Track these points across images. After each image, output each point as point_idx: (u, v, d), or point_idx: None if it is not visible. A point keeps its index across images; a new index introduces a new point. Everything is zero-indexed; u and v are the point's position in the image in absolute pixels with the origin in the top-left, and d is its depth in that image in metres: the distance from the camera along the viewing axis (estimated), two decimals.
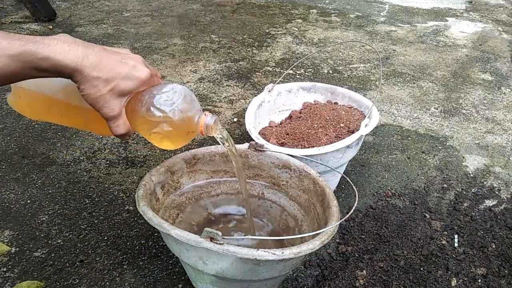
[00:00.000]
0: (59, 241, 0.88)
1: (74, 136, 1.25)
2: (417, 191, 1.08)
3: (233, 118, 1.38)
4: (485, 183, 1.13)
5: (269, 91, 1.08)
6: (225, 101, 1.49)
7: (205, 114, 0.61)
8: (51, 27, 2.14)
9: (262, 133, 1.00)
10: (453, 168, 1.18)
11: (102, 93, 0.51)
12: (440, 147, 1.28)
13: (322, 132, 0.97)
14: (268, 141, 0.93)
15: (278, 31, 2.22)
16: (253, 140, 0.86)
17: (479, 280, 0.83)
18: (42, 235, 0.89)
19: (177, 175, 0.81)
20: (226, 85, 1.60)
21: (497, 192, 1.09)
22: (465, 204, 1.04)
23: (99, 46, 0.53)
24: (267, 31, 2.21)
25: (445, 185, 1.11)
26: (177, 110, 0.57)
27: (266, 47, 1.99)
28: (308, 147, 0.91)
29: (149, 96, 0.57)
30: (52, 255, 0.84)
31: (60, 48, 0.48)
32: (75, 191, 1.02)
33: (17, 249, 0.86)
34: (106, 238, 0.89)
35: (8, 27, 2.11)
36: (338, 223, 0.65)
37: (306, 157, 0.85)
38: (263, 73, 1.72)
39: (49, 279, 0.79)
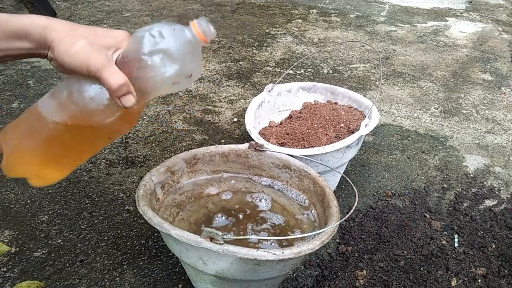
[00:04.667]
0: (59, 241, 0.88)
1: None
2: (417, 191, 1.08)
3: (233, 118, 1.38)
4: (485, 183, 1.13)
5: (269, 91, 1.08)
6: (225, 101, 1.49)
7: (192, 24, 0.50)
8: None
9: (262, 133, 1.00)
10: (453, 168, 1.18)
11: (81, 45, 0.45)
12: (440, 147, 1.28)
13: (322, 132, 0.97)
14: (268, 141, 0.93)
15: (278, 31, 2.22)
16: (253, 140, 0.86)
17: (479, 280, 0.83)
18: (42, 235, 0.89)
19: (177, 175, 0.81)
20: (226, 85, 1.60)
21: (497, 192, 1.09)
22: (465, 204, 1.04)
23: None
24: (267, 31, 2.21)
25: (445, 185, 1.11)
26: (174, 44, 0.47)
27: (266, 47, 1.99)
28: (308, 147, 0.91)
29: (136, 45, 0.47)
30: (52, 255, 0.84)
31: (27, 17, 0.47)
32: (75, 191, 1.02)
33: (17, 249, 0.86)
34: (106, 238, 0.89)
35: None
36: (338, 223, 0.65)
37: (306, 157, 0.85)
38: (263, 73, 1.72)
39: (49, 279, 0.79)
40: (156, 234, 0.90)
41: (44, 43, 0.46)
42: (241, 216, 0.80)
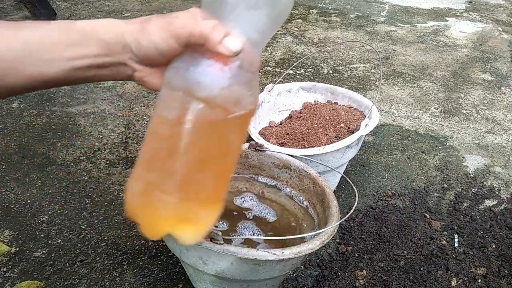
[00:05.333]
0: (59, 241, 0.88)
1: (74, 136, 1.25)
2: (417, 191, 1.08)
3: None
4: (485, 183, 1.13)
5: (269, 91, 1.08)
6: None
7: None
8: None
9: (262, 133, 1.00)
10: (453, 168, 1.18)
11: (155, 21, 0.38)
12: (440, 147, 1.28)
13: (322, 132, 0.97)
14: (268, 141, 0.93)
15: (278, 31, 2.22)
16: (253, 140, 0.86)
17: (479, 280, 0.83)
18: (42, 235, 0.89)
19: None
20: None
21: (497, 192, 1.09)
22: (465, 204, 1.04)
23: None
24: None
25: (445, 185, 1.11)
26: None
27: (266, 47, 1.99)
28: (308, 147, 0.91)
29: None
30: (52, 255, 0.84)
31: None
32: (75, 191, 1.02)
33: (17, 249, 0.86)
34: (106, 238, 0.89)
35: None
36: (338, 223, 0.65)
37: (306, 157, 0.85)
38: (263, 73, 1.72)
39: (49, 279, 0.79)
40: None
41: (116, 43, 0.38)
42: (240, 216, 0.80)
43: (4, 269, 0.81)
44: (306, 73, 1.73)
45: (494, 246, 0.91)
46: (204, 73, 0.38)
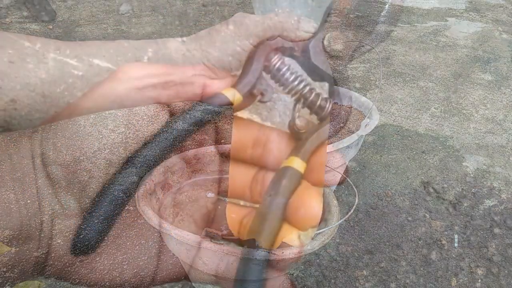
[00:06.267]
0: (59, 241, 0.88)
1: (74, 136, 1.25)
2: (417, 191, 1.08)
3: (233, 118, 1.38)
4: (485, 183, 1.13)
5: None
6: None
7: None
8: (51, 27, 2.14)
9: None
10: (453, 168, 1.18)
11: (215, 29, 0.38)
12: (440, 147, 1.28)
13: None
14: None
15: None
16: None
17: (479, 280, 0.83)
18: (42, 235, 0.89)
19: (177, 175, 0.81)
20: None
21: (497, 192, 1.09)
22: (465, 204, 1.04)
23: None
24: None
25: (445, 185, 1.11)
26: None
27: None
28: None
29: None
30: (52, 255, 0.85)
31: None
32: (75, 191, 1.02)
33: (17, 249, 0.86)
34: (106, 238, 0.89)
35: (8, 27, 2.11)
36: (338, 223, 0.65)
37: None
38: None
39: (49, 279, 0.79)
40: (156, 234, 0.90)
41: (185, 59, 0.38)
42: None
43: (4, 269, 0.81)
44: None
45: (494, 246, 0.91)
46: (289, 63, 0.37)
